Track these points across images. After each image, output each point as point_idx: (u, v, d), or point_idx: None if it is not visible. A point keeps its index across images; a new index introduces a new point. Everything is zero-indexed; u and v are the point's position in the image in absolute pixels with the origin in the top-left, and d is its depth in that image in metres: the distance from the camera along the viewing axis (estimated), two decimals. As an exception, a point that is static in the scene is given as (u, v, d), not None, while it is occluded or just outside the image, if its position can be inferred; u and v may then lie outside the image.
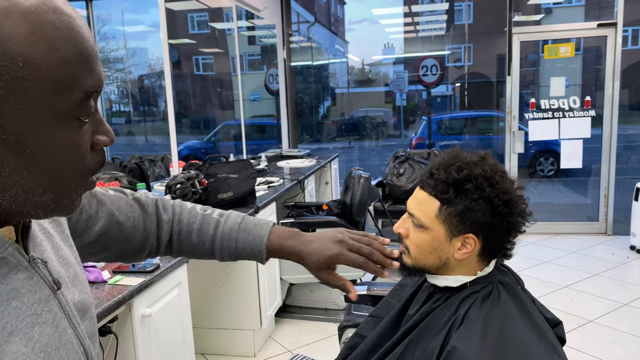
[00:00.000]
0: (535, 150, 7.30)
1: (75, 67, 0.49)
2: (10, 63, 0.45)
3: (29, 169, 0.49)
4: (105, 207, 0.84)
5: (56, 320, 0.57)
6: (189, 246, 0.92)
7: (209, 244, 0.91)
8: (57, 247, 0.65)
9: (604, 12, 8.63)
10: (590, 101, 4.66)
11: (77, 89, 0.49)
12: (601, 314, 3.24)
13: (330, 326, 3.16)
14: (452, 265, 1.10)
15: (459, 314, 1.04)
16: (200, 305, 2.83)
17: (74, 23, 0.49)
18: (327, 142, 10.45)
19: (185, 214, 0.92)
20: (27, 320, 0.53)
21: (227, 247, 0.91)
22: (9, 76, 0.45)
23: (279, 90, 5.55)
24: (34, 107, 0.47)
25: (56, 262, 0.63)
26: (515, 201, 1.07)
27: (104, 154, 0.57)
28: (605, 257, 4.31)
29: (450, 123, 9.25)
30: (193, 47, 8.36)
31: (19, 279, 0.54)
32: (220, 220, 0.92)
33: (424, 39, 10.27)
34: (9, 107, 0.46)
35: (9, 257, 0.53)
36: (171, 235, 0.92)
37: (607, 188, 4.84)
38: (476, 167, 1.07)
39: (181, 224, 0.91)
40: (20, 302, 0.53)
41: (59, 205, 0.53)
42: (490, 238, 1.08)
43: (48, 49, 0.46)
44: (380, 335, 1.19)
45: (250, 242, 0.91)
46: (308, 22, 10.09)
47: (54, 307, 0.57)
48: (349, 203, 3.29)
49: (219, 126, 7.14)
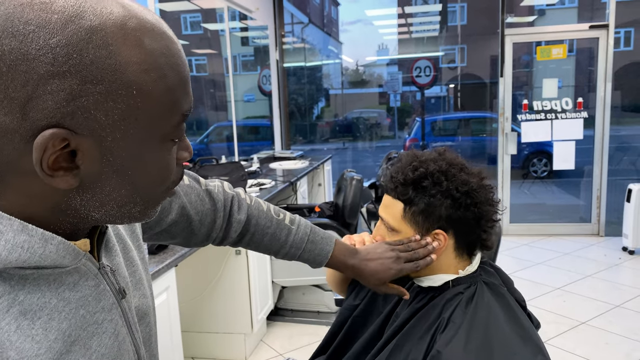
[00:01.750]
0: (529, 151, 7.32)
1: (178, 92, 0.51)
2: (126, 91, 0.46)
3: (127, 187, 0.51)
4: (179, 199, 0.87)
5: (117, 329, 0.58)
6: (257, 245, 1.01)
7: (278, 247, 1.01)
8: (127, 250, 0.67)
9: (597, 13, 8.68)
10: (582, 103, 4.67)
11: (177, 112, 0.51)
12: (593, 315, 3.24)
13: (322, 329, 3.14)
14: (431, 264, 1.09)
15: (444, 317, 1.03)
16: (190, 308, 2.80)
17: (176, 48, 0.51)
18: (321, 143, 10.44)
19: (262, 217, 0.99)
20: (89, 330, 0.54)
21: (293, 253, 1.02)
22: (124, 104, 0.47)
23: (272, 92, 5.53)
24: (142, 132, 0.49)
25: (124, 267, 0.65)
26: (476, 190, 1.06)
27: (183, 167, 0.59)
28: (597, 258, 4.31)
29: (444, 124, 9.27)
30: (186, 48, 8.35)
31: (88, 286, 0.55)
32: (292, 229, 1.01)
33: (418, 40, 10.29)
34: (120, 132, 0.47)
35: (81, 266, 0.54)
36: (243, 235, 0.98)
37: (599, 189, 4.85)
38: (431, 164, 1.07)
39: (257, 227, 0.98)
40: (86, 310, 0.54)
41: (143, 215, 0.56)
42: (460, 231, 1.07)
43: (158, 76, 0.48)
44: (367, 339, 1.18)
45: (316, 255, 1.03)
46: (302, 23, 10.08)
47: (116, 315, 0.58)
48: (341, 205, 3.28)
49: (211, 127, 7.12)
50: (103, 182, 0.50)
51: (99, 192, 0.51)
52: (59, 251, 0.50)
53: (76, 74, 0.44)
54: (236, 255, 2.72)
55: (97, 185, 0.50)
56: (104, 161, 0.49)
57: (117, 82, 0.46)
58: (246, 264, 2.72)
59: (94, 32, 0.45)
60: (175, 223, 0.87)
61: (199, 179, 0.94)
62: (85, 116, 0.46)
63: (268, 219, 0.99)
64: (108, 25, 0.45)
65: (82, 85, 0.44)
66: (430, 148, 5.49)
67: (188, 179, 0.91)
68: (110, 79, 0.45)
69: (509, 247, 4.65)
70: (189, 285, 2.76)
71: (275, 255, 1.04)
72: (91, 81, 0.45)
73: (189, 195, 0.89)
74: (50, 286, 0.51)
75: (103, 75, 0.45)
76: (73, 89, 0.44)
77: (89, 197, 0.51)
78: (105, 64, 0.45)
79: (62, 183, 0.48)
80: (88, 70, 0.44)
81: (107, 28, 0.45)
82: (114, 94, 0.46)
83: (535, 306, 3.39)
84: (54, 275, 0.51)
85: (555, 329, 3.08)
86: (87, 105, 0.45)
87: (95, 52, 0.45)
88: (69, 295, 0.52)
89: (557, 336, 3.00)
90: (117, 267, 0.62)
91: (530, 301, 3.45)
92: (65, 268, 0.52)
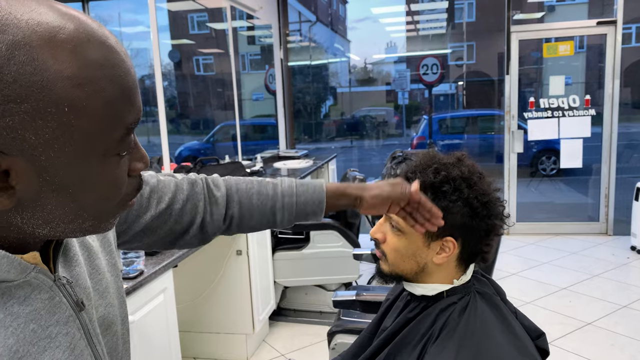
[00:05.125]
0: (537, 149, 7.24)
1: (119, 105, 0.48)
2: (56, 109, 0.44)
3: (70, 204, 0.49)
4: (156, 194, 0.85)
5: (73, 343, 0.56)
6: (250, 211, 0.93)
7: (271, 202, 0.93)
8: (92, 257, 0.65)
9: (607, 9, 8.55)
10: (590, 100, 4.61)
11: (120, 126, 0.49)
12: (600, 316, 3.20)
13: (325, 329, 3.11)
14: (430, 270, 1.07)
15: (436, 327, 1.01)
16: (191, 309, 2.81)
17: (117, 58, 0.48)
18: (327, 141, 10.41)
19: (242, 182, 0.95)
20: (40, 344, 0.52)
21: (288, 203, 0.93)
22: (55, 122, 0.44)
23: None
24: (79, 149, 0.47)
25: (86, 277, 0.62)
26: (493, 203, 1.05)
27: (140, 178, 0.57)
28: (605, 257, 4.26)
29: (451, 122, 9.20)
30: (193, 48, 8.36)
31: (41, 299, 0.53)
32: (276, 182, 0.95)
33: (426, 37, 10.22)
34: (54, 151, 0.45)
35: (31, 279, 0.52)
36: (230, 206, 0.93)
37: (607, 187, 4.78)
38: (453, 169, 1.04)
39: (240, 192, 0.93)
40: (37, 324, 0.52)
41: (97, 228, 0.54)
42: (469, 241, 1.05)
43: (93, 90, 0.45)
44: (358, 347, 1.17)
45: (311, 194, 0.94)
46: (310, 22, 10.06)
47: (73, 328, 0.56)
48: (344, 205, 3.26)
49: (217, 127, 7.13)
50: (43, 200, 0.48)
51: (39, 210, 0.49)
52: (2, 265, 0.49)
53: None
54: (237, 256, 2.72)
55: (37, 204, 0.48)
56: (41, 180, 0.47)
57: (44, 100, 0.43)
58: (247, 264, 2.72)
59: (16, 48, 0.42)
60: (156, 217, 0.84)
61: (175, 175, 0.92)
62: (12, 136, 0.43)
63: (248, 182, 0.95)
64: (33, 39, 0.43)
65: (5, 105, 0.42)
66: (439, 147, 5.42)
67: (163, 175, 0.89)
68: (36, 97, 0.43)
69: (514, 246, 4.61)
70: (190, 285, 2.77)
71: (273, 216, 0.94)
72: (14, 100, 0.42)
73: (167, 186, 0.87)
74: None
75: (28, 94, 0.43)
76: None
77: (29, 215, 0.49)
78: (30, 81, 0.43)
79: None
80: (10, 89, 0.42)
81: (33, 42, 0.43)
82: (43, 112, 0.44)
83: (540, 306, 3.35)
84: (1, 289, 0.50)
85: (561, 329, 3.04)
86: (12, 125, 0.43)
87: (17, 69, 0.42)
88: (18, 309, 0.51)
89: (562, 337, 2.96)
90: (77, 278, 0.60)
91: (536, 301, 3.42)
92: (12, 282, 0.51)
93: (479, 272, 1.14)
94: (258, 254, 2.84)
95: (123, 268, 1.77)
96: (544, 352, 1.10)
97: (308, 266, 3.16)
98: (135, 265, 1.80)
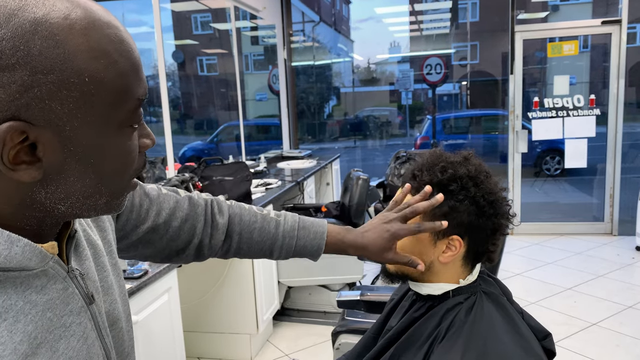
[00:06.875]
0: (541, 149, 7.22)
1: (130, 77, 0.51)
2: (78, 79, 0.47)
3: (91, 176, 0.52)
4: (155, 206, 0.87)
5: (86, 333, 0.58)
6: (249, 245, 0.96)
7: (271, 241, 0.97)
8: (98, 255, 0.67)
9: (612, 9, 8.51)
10: (594, 99, 4.59)
11: (132, 98, 0.52)
12: (605, 316, 3.18)
13: (329, 329, 3.12)
14: (436, 270, 1.07)
15: (442, 327, 1.00)
16: (195, 309, 2.81)
17: (123, 35, 0.52)
18: (331, 142, 10.42)
19: (246, 213, 0.96)
20: (56, 332, 0.54)
21: (287, 244, 0.97)
22: (78, 91, 0.47)
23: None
24: (99, 119, 0.50)
25: (95, 272, 0.65)
26: (500, 202, 1.04)
27: (145, 156, 0.60)
28: (610, 258, 4.24)
29: (455, 122, 9.18)
30: (196, 48, 8.37)
31: (56, 289, 0.55)
32: (279, 220, 0.98)
33: (429, 37, 10.21)
34: (77, 120, 0.48)
35: (49, 269, 0.55)
36: (230, 236, 0.95)
37: (612, 187, 4.76)
38: (460, 167, 1.03)
39: (242, 224, 0.95)
40: (53, 313, 0.54)
41: (109, 207, 0.56)
42: (475, 240, 1.04)
43: (108, 62, 0.49)
44: (362, 347, 1.16)
45: (311, 239, 0.98)
46: (313, 22, 10.06)
47: (85, 319, 0.58)
48: (347, 205, 3.26)
49: (221, 127, 7.14)
50: (66, 172, 0.50)
51: (63, 183, 0.51)
52: (25, 253, 0.50)
53: (25, 66, 0.45)
54: (241, 256, 2.72)
55: (61, 176, 0.51)
56: (65, 151, 0.49)
57: (67, 71, 0.46)
58: (251, 264, 2.72)
59: (38, 24, 0.45)
60: (153, 230, 0.86)
61: (178, 190, 0.94)
62: (40, 107, 0.46)
63: (252, 214, 0.97)
64: (52, 16, 0.46)
65: (33, 76, 0.45)
66: (443, 146, 5.42)
67: (166, 189, 0.91)
68: (60, 67, 0.46)
69: (519, 246, 4.60)
70: (194, 285, 2.77)
71: (270, 253, 0.99)
72: (41, 71, 0.45)
73: (166, 202, 0.89)
74: (17, 289, 0.51)
75: (53, 65, 0.46)
76: (24, 81, 0.45)
77: (53, 189, 0.51)
78: (54, 54, 0.46)
79: (25, 176, 0.48)
80: (37, 61, 0.45)
81: (52, 19, 0.46)
82: (67, 82, 0.47)
83: (545, 307, 3.34)
84: (20, 277, 0.52)
85: (566, 330, 3.03)
86: (40, 95, 0.46)
87: (42, 43, 0.45)
88: (36, 298, 0.52)
89: (567, 337, 2.95)
90: (87, 271, 0.62)
91: (540, 301, 3.41)
92: (32, 271, 0.53)
93: (485, 272, 1.14)
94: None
95: (127, 268, 1.77)
96: (551, 353, 1.09)
97: (312, 266, 3.15)
98: (139, 265, 1.81)
